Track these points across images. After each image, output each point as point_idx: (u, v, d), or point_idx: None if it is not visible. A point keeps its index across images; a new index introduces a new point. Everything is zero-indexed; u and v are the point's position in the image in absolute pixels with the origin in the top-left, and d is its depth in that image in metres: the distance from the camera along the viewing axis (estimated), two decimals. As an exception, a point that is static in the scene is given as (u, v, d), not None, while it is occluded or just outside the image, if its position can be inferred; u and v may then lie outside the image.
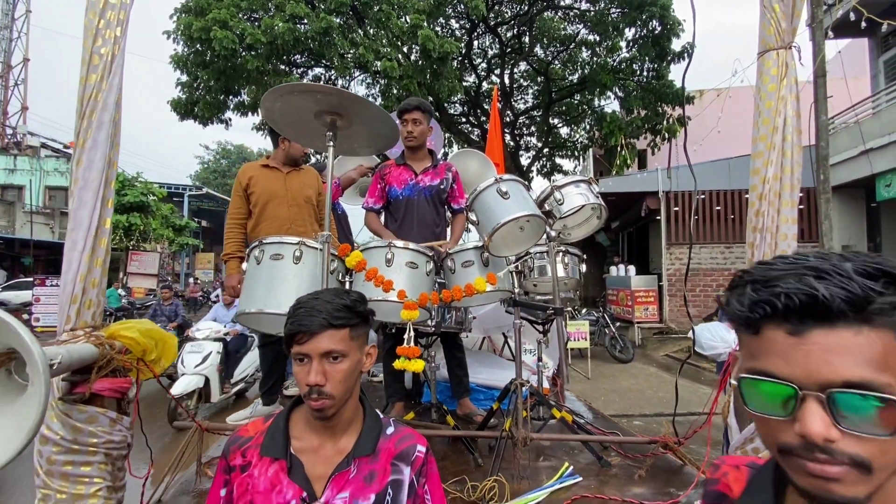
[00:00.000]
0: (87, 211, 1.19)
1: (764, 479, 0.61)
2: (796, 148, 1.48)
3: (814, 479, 0.46)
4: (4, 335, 0.87)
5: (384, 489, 0.92)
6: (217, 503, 0.94)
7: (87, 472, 1.16)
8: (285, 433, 0.94)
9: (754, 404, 0.49)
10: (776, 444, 0.49)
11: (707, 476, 0.71)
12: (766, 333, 0.48)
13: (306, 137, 1.78)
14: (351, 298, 0.97)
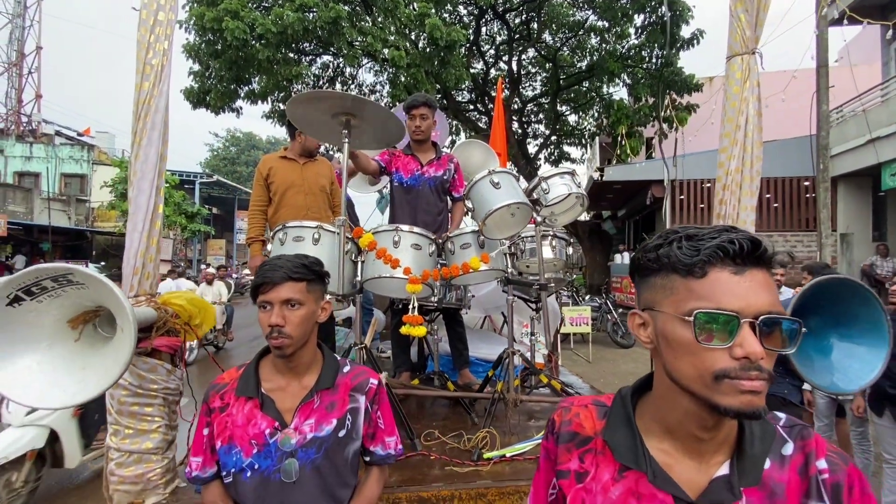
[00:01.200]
0: (144, 197, 1.43)
1: (620, 414, 0.72)
2: (756, 144, 1.67)
3: (745, 395, 0.56)
4: (96, 295, 1.11)
5: (344, 415, 1.14)
6: (201, 441, 1.14)
7: (149, 412, 1.42)
8: (256, 377, 1.15)
9: (704, 337, 0.58)
10: (714, 372, 0.58)
11: (557, 418, 0.78)
12: (712, 275, 0.58)
13: (325, 135, 2.00)
14: (309, 260, 1.15)
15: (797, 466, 0.66)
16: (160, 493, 1.43)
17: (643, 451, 0.67)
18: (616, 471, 0.69)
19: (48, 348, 1.12)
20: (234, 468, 1.10)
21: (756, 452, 0.65)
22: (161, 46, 1.47)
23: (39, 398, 1.09)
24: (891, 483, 3.03)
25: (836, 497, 0.64)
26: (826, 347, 1.38)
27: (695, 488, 0.64)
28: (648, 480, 0.65)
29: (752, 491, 0.64)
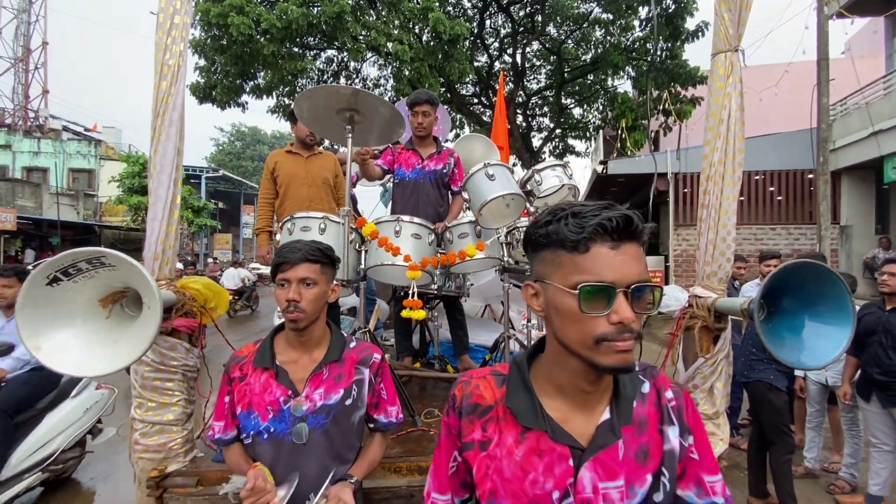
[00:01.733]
0: (163, 189, 1.54)
1: (517, 380, 0.79)
2: (738, 137, 1.75)
3: (620, 354, 0.67)
4: (125, 276, 1.23)
5: (350, 386, 1.27)
6: (223, 407, 1.28)
7: (170, 386, 1.54)
8: (271, 350, 1.28)
9: (587, 307, 0.66)
10: (595, 336, 0.67)
11: (458, 393, 0.83)
12: (594, 250, 0.67)
13: (330, 132, 2.10)
14: (323, 246, 1.29)
15: (653, 400, 0.80)
16: (181, 461, 1.56)
17: (541, 412, 0.76)
18: (518, 433, 0.77)
19: (83, 324, 1.24)
20: (253, 431, 1.23)
21: (628, 396, 0.78)
22: (177, 48, 1.57)
23: (77, 368, 1.22)
24: (877, 466, 3.13)
25: (679, 417, 0.80)
26: (798, 327, 1.48)
27: (585, 436, 0.75)
28: (549, 437, 0.75)
29: (627, 428, 0.76)
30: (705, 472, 0.80)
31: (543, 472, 0.75)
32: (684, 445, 0.79)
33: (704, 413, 1.73)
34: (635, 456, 0.76)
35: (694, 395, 1.77)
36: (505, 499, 0.77)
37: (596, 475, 0.74)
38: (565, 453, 0.75)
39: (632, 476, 0.75)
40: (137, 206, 18.77)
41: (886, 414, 3.01)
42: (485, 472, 0.79)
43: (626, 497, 0.74)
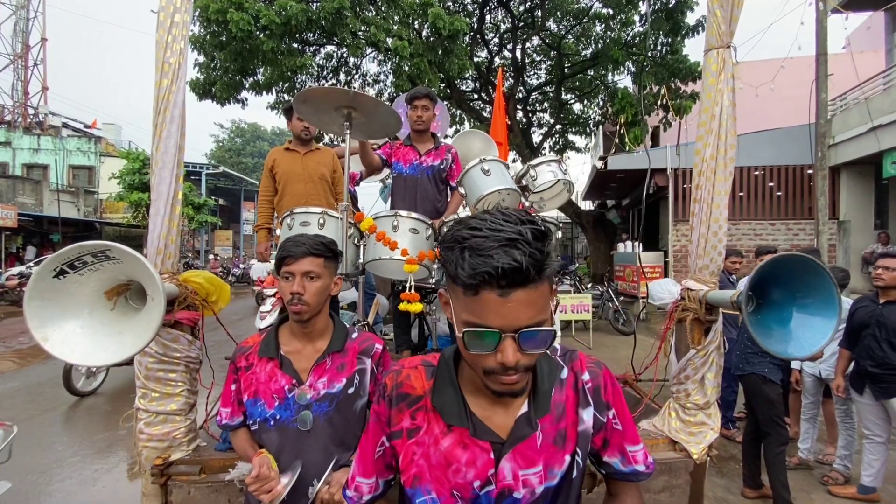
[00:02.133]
0: (165, 185, 1.57)
1: (445, 377, 0.83)
2: (730, 132, 1.78)
3: (505, 385, 0.71)
4: (129, 269, 1.27)
5: (352, 375, 1.30)
6: (229, 395, 1.33)
7: (173, 377, 1.58)
8: (276, 341, 1.32)
9: (472, 347, 0.69)
10: (482, 369, 0.71)
11: (389, 382, 0.87)
12: (482, 295, 0.66)
13: (329, 126, 2.13)
14: (326, 240, 1.32)
15: (571, 384, 0.86)
16: (184, 449, 1.60)
17: (465, 411, 0.80)
18: (445, 426, 0.81)
19: (89, 315, 1.28)
20: (259, 418, 1.28)
21: (545, 388, 0.83)
22: (178, 46, 1.60)
23: (84, 357, 1.25)
24: (870, 457, 3.17)
25: (596, 397, 0.86)
26: (786, 318, 1.51)
27: (505, 429, 0.80)
28: (470, 434, 0.79)
29: (545, 419, 0.81)
30: (627, 443, 0.89)
31: (466, 464, 0.80)
32: (602, 420, 0.86)
33: (696, 403, 1.77)
34: (553, 441, 0.82)
35: (685, 385, 1.81)
36: (429, 483, 0.81)
37: (516, 464, 0.79)
38: (486, 447, 0.79)
39: (550, 460, 0.81)
40: (138, 202, 18.78)
41: (879, 406, 3.05)
42: (411, 459, 0.83)
43: (545, 479, 0.80)
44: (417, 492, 0.82)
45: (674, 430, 1.79)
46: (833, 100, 10.48)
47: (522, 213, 0.71)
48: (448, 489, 0.80)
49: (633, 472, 0.90)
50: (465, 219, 0.74)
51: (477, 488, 0.80)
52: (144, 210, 19.05)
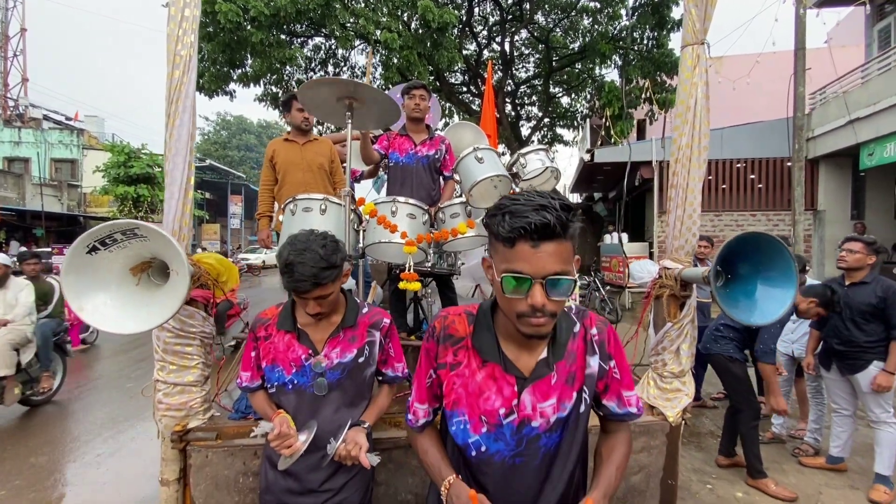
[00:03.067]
0: (178, 171, 1.67)
1: (483, 324, 1.01)
2: (704, 123, 1.93)
3: (535, 327, 0.88)
4: (154, 246, 1.37)
5: (363, 346, 1.44)
6: (249, 360, 1.45)
7: (189, 351, 1.69)
8: (292, 316, 1.42)
9: (508, 291, 0.86)
10: (516, 312, 0.87)
11: (438, 325, 1.06)
12: (518, 246, 0.84)
13: (331, 117, 2.23)
14: (329, 259, 1.27)
15: (582, 336, 1.04)
16: (200, 418, 1.71)
17: (499, 350, 1.00)
18: (480, 362, 1.01)
19: (116, 289, 1.38)
20: (277, 382, 1.40)
21: (563, 339, 1.01)
22: (188, 39, 1.69)
23: (115, 325, 1.36)
24: (838, 430, 3.40)
25: (601, 348, 1.04)
26: (751, 291, 1.67)
27: (528, 369, 0.99)
28: (502, 369, 0.99)
29: (560, 363, 1.00)
30: (624, 389, 1.07)
31: (495, 393, 0.99)
32: (605, 368, 1.05)
33: (671, 371, 1.93)
34: (565, 381, 1.01)
35: (662, 356, 1.97)
36: (464, 407, 1.01)
37: (534, 398, 0.99)
38: (512, 381, 0.99)
39: (562, 395, 1.00)
40: (124, 196, 18.52)
41: (845, 381, 3.27)
42: (451, 387, 1.03)
43: (557, 411, 0.99)
44: (454, 413, 1.02)
45: (652, 396, 1.95)
46: (813, 94, 10.78)
47: (553, 193, 0.89)
48: (478, 414, 0.99)
49: (626, 413, 1.08)
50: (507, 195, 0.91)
51: (502, 416, 0.98)
52: (131, 204, 18.79)
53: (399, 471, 1.76)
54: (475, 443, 1.00)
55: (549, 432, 0.99)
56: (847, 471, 3.40)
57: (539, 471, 1.00)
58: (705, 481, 3.30)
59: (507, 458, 0.99)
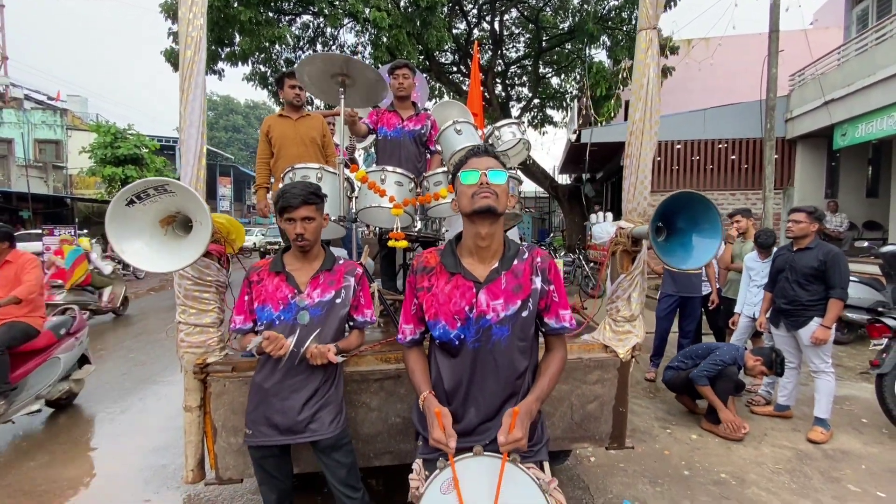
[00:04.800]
0: (193, 140, 1.90)
1: (448, 248, 1.38)
2: (655, 99, 2.19)
3: (484, 200, 1.25)
4: (181, 201, 1.61)
5: (340, 289, 1.74)
6: (243, 304, 1.73)
7: (206, 297, 1.95)
8: (282, 261, 1.73)
9: (465, 179, 1.28)
10: (471, 193, 1.26)
11: (416, 262, 1.42)
12: (469, 161, 1.32)
13: (324, 93, 2.46)
14: (314, 188, 1.67)
15: (529, 262, 1.36)
16: (217, 355, 1.98)
17: (460, 264, 1.34)
18: (447, 278, 1.34)
19: (149, 237, 1.63)
20: (267, 320, 1.69)
21: (510, 254, 1.36)
22: (198, 22, 1.89)
23: (151, 265, 1.62)
24: (784, 381, 3.79)
25: (544, 274, 1.36)
26: (688, 242, 1.97)
27: (483, 275, 1.32)
28: (463, 276, 1.32)
29: (507, 273, 1.33)
30: (561, 308, 1.38)
31: (459, 297, 1.32)
32: (546, 289, 1.36)
33: (623, 316, 2.24)
34: (512, 289, 1.32)
35: (616, 303, 2.27)
36: (440, 314, 1.33)
37: (487, 297, 1.31)
38: (470, 285, 1.32)
39: (509, 299, 1.32)
40: (112, 177, 18.30)
41: (790, 337, 3.64)
42: (430, 304, 1.36)
43: (504, 309, 1.31)
44: (435, 322, 1.33)
45: (607, 338, 2.26)
46: (792, 75, 11.05)
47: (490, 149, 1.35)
48: (451, 315, 1.31)
49: (562, 327, 1.38)
50: None
51: (467, 311, 1.30)
52: (119, 185, 18.60)
53: (389, 398, 2.05)
54: (455, 335, 1.31)
55: (499, 324, 1.30)
56: (792, 417, 3.80)
57: (493, 355, 1.31)
58: (665, 427, 3.69)
59: (470, 343, 1.31)
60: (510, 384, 1.33)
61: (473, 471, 1.21)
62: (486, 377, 1.32)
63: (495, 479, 1.18)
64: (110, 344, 6.56)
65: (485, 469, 1.21)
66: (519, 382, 1.34)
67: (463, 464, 1.22)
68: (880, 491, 2.78)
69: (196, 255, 1.64)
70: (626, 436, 2.26)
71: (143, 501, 2.73)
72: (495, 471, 1.19)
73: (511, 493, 1.18)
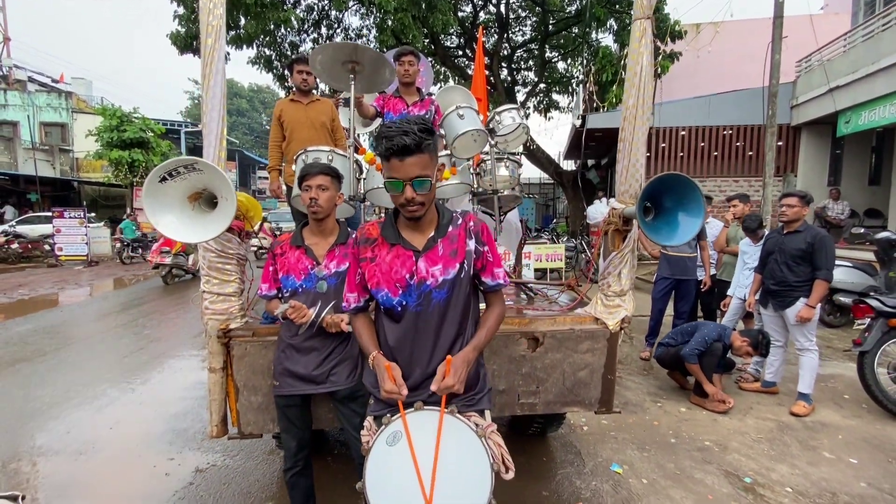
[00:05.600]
0: (214, 123, 2.04)
1: (388, 221, 1.44)
2: (648, 86, 2.31)
3: (410, 212, 1.32)
4: (208, 179, 1.77)
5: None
6: (268, 273, 1.91)
7: (228, 268, 2.12)
8: (301, 236, 1.90)
9: (391, 190, 1.30)
10: (398, 203, 1.32)
11: (358, 233, 1.48)
12: (391, 161, 1.28)
13: (335, 81, 2.59)
14: (331, 165, 1.84)
15: (463, 227, 1.45)
16: (238, 321, 2.16)
17: (399, 234, 1.41)
18: (388, 249, 1.42)
19: (179, 211, 1.80)
20: (290, 288, 1.87)
21: (444, 223, 1.44)
22: (218, 11, 2.02)
23: (181, 236, 1.80)
24: (771, 359, 3.96)
25: (477, 236, 1.45)
26: (673, 221, 2.12)
27: (421, 244, 1.41)
28: (402, 247, 1.40)
29: (444, 240, 1.41)
30: (495, 267, 1.49)
31: (400, 266, 1.40)
32: (480, 250, 1.46)
33: (614, 291, 2.40)
34: (449, 254, 1.41)
35: (608, 279, 2.43)
36: (382, 282, 1.42)
37: (426, 264, 1.40)
38: (410, 254, 1.40)
39: (447, 263, 1.41)
40: (118, 160, 18.45)
41: (778, 317, 3.80)
42: (372, 273, 1.44)
43: (443, 273, 1.40)
44: (378, 290, 1.43)
45: (598, 311, 2.42)
46: (799, 62, 10.98)
47: (418, 119, 1.30)
48: (392, 283, 1.41)
49: (497, 284, 1.50)
50: (384, 123, 1.34)
51: (407, 278, 1.40)
52: (127, 169, 18.76)
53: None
54: (398, 302, 1.41)
55: (438, 289, 1.39)
56: (778, 393, 3.99)
57: (434, 316, 1.40)
58: (656, 401, 3.88)
59: (412, 308, 1.40)
60: (450, 341, 1.43)
61: (417, 423, 1.31)
62: (429, 337, 1.41)
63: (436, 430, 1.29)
64: (104, 327, 6.81)
65: (427, 421, 1.31)
66: (459, 339, 1.44)
67: (409, 417, 1.31)
68: (853, 458, 2.97)
69: (222, 228, 1.81)
70: (613, 401, 2.44)
71: (168, 459, 2.96)
72: (436, 422, 1.30)
73: (451, 439, 1.28)
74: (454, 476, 1.25)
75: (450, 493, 1.23)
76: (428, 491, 1.21)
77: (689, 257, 4.71)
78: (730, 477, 2.75)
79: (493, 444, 1.36)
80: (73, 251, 14.30)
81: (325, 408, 2.13)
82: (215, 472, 2.82)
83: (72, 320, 6.93)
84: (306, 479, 2.02)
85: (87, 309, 7.79)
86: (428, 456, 1.26)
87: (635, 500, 2.54)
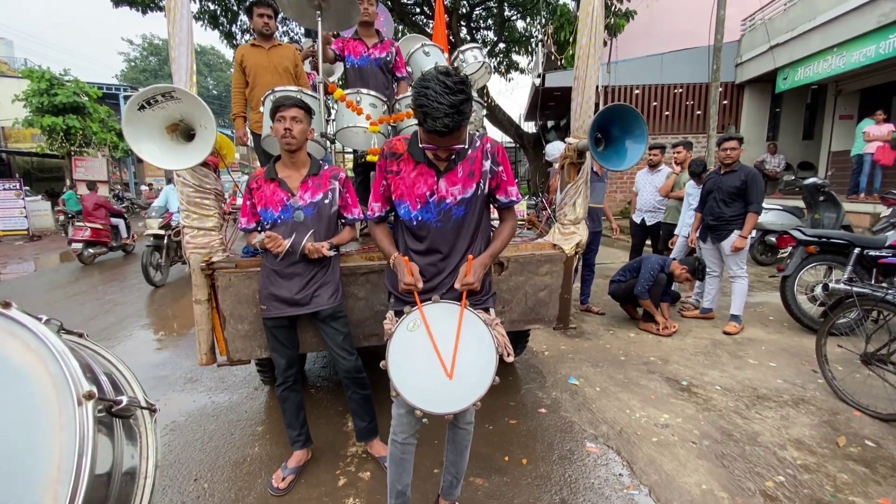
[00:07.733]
0: (183, 58, 2.05)
1: (414, 140, 1.54)
2: (599, 26, 2.49)
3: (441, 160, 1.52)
4: (186, 107, 1.82)
5: (327, 191, 2.02)
6: (247, 208, 2.00)
7: (207, 203, 2.19)
8: (274, 169, 2.00)
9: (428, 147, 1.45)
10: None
11: (386, 147, 1.59)
12: (430, 135, 1.38)
13: (302, 17, 2.60)
14: (304, 98, 1.93)
15: (481, 149, 1.59)
16: (220, 255, 2.26)
17: (425, 155, 1.53)
18: (413, 165, 1.56)
19: (159, 139, 1.84)
20: (269, 220, 1.98)
21: (466, 149, 1.56)
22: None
23: (163, 163, 1.86)
24: (708, 287, 4.43)
25: (493, 157, 1.60)
26: (622, 149, 2.36)
27: (443, 165, 1.54)
28: (426, 165, 1.53)
29: (463, 162, 1.55)
30: (509, 186, 1.65)
31: (423, 183, 1.55)
32: (496, 170, 1.61)
33: (569, 219, 2.66)
34: (468, 174, 1.57)
35: (564, 209, 2.68)
36: (404, 195, 1.57)
37: (447, 183, 1.55)
38: (433, 174, 1.55)
39: (465, 184, 1.56)
40: (52, 127, 16.98)
41: (714, 249, 4.24)
42: (397, 185, 1.59)
43: (462, 193, 1.56)
44: (401, 202, 1.58)
45: (556, 238, 2.68)
46: (744, 20, 11.46)
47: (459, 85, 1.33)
48: (414, 197, 1.57)
49: (510, 201, 1.66)
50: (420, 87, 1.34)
51: (428, 196, 1.56)
52: (62, 136, 17.33)
53: (374, 289, 2.42)
54: (415, 216, 1.57)
55: (457, 206, 1.56)
56: (714, 318, 4.49)
57: (453, 231, 1.58)
58: (609, 329, 4.29)
59: (433, 223, 1.57)
60: (464, 250, 1.61)
61: (434, 313, 1.52)
62: (446, 247, 1.59)
63: (451, 319, 1.52)
64: (85, 287, 6.61)
65: (443, 311, 1.53)
66: (473, 247, 1.62)
67: (426, 308, 1.53)
68: (772, 362, 3.47)
69: (203, 156, 1.89)
70: (569, 318, 2.75)
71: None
72: (451, 312, 1.53)
73: (465, 328, 1.53)
74: (467, 357, 1.48)
75: (465, 371, 1.46)
76: (449, 367, 1.44)
77: (599, 208, 5.00)
78: (670, 382, 3.17)
79: (498, 333, 1.58)
80: (11, 225, 13.36)
81: (310, 332, 2.29)
82: (202, 409, 2.96)
83: (25, 293, 6.65)
84: (297, 394, 2.20)
85: (39, 281, 7.46)
86: (444, 340, 1.48)
87: (589, 403, 2.90)
